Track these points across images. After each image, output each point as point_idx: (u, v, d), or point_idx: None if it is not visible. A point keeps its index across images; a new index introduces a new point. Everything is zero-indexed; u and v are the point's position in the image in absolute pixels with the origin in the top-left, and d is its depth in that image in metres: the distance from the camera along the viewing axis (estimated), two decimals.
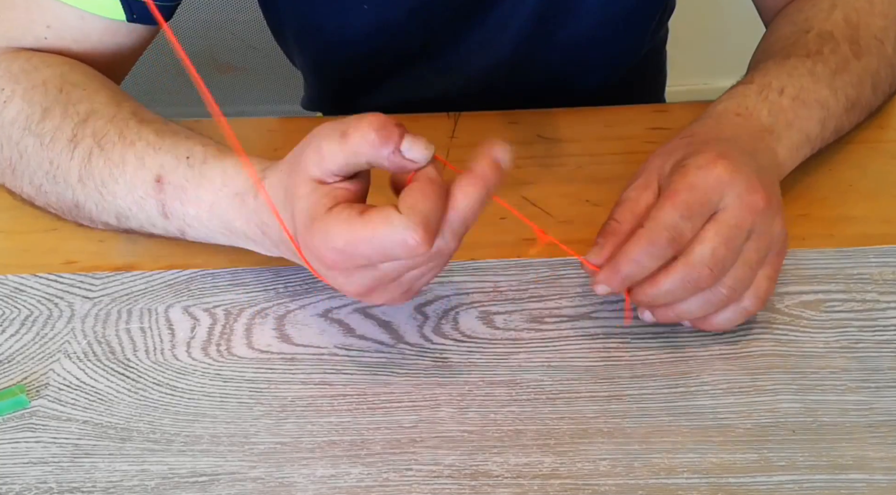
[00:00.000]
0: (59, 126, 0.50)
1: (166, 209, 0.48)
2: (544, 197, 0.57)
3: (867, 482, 0.42)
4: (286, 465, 0.44)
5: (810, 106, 0.53)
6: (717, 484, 0.43)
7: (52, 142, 0.50)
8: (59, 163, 0.50)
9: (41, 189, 0.52)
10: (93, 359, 0.48)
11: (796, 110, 0.52)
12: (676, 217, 0.43)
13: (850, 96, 0.55)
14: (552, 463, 0.43)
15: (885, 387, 0.46)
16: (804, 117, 0.52)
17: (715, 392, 0.46)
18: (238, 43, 1.31)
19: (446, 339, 0.49)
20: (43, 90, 0.52)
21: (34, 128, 0.51)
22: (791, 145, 0.52)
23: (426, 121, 0.62)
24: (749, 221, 0.44)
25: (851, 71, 0.55)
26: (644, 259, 0.43)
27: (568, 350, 0.48)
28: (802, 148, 0.53)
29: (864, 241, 0.53)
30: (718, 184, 0.44)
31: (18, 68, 0.54)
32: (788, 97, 0.52)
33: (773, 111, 0.52)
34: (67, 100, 0.52)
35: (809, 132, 0.53)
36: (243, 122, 0.63)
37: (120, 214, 0.50)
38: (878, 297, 0.50)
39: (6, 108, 0.52)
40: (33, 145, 0.51)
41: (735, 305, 0.46)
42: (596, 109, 0.63)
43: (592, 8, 0.65)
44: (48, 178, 0.51)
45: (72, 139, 0.50)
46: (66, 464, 0.44)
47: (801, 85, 0.53)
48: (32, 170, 0.52)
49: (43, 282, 0.52)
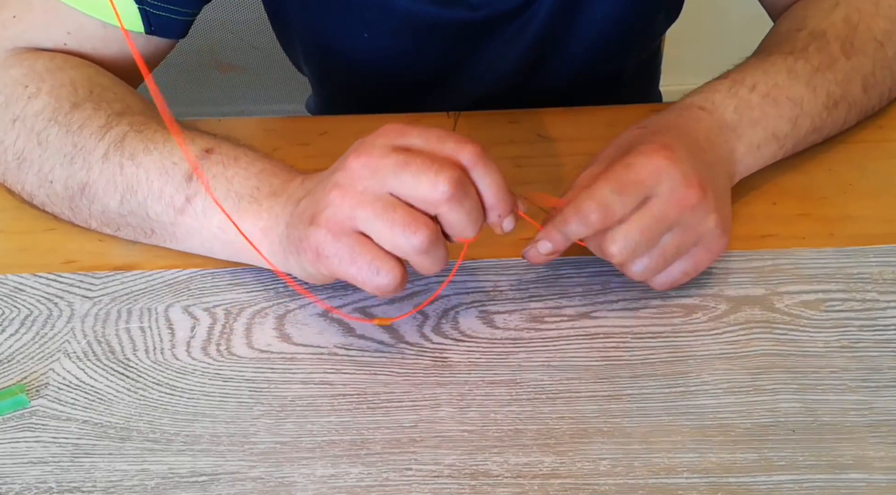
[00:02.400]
0: (91, 116, 0.51)
1: (195, 176, 0.48)
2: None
3: (867, 481, 0.42)
4: (286, 465, 0.44)
5: (781, 103, 0.53)
6: (717, 483, 0.43)
7: (81, 129, 0.51)
8: (84, 145, 0.50)
9: (47, 178, 0.51)
10: (92, 358, 0.49)
11: (764, 108, 0.52)
12: (607, 191, 0.45)
13: (832, 94, 0.54)
14: (552, 463, 0.43)
15: (885, 387, 0.46)
16: (773, 116, 0.53)
17: (715, 391, 0.46)
18: (239, 42, 1.31)
19: (446, 339, 0.49)
20: (71, 89, 0.52)
21: (61, 119, 0.51)
22: (752, 143, 0.52)
23: (426, 120, 0.62)
24: (674, 214, 0.45)
25: (837, 69, 0.55)
26: (574, 226, 0.45)
27: (568, 349, 0.48)
28: (768, 146, 0.53)
29: (865, 241, 0.53)
30: (655, 172, 0.45)
31: (43, 67, 0.54)
32: (759, 94, 0.53)
33: (739, 108, 0.52)
34: (99, 98, 0.52)
35: (777, 130, 0.53)
36: (244, 121, 0.63)
37: (130, 189, 0.49)
38: (878, 297, 0.50)
39: (31, 102, 0.52)
40: (57, 133, 0.51)
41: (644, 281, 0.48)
42: (595, 109, 0.63)
43: (594, 30, 0.66)
44: (64, 162, 0.50)
45: (104, 125, 0.50)
46: (66, 464, 0.44)
47: (776, 82, 0.53)
48: (45, 158, 0.51)
49: (42, 281, 0.52)
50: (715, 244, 0.48)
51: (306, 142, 0.61)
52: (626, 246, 0.45)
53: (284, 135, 0.62)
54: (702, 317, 0.50)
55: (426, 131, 0.43)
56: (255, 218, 0.47)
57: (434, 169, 0.41)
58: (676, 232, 0.46)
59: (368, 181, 0.42)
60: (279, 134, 0.62)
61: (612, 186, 0.45)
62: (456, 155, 0.42)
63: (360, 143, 0.43)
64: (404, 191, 0.42)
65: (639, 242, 0.45)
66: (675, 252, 0.47)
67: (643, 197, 0.45)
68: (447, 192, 0.41)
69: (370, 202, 0.42)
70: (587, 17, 0.65)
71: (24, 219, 0.55)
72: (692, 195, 0.45)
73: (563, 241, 0.46)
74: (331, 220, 0.42)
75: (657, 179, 0.45)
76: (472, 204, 0.42)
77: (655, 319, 0.49)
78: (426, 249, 0.42)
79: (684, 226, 0.46)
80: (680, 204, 0.45)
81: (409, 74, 0.68)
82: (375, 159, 0.42)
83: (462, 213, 0.42)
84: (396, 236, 0.42)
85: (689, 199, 0.45)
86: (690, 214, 0.46)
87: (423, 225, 0.42)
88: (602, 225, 0.45)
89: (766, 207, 0.55)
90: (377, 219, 0.42)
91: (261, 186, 0.48)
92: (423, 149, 0.42)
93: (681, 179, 0.45)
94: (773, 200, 0.55)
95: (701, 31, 1.23)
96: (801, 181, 0.57)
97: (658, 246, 0.46)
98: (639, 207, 0.45)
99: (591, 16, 0.65)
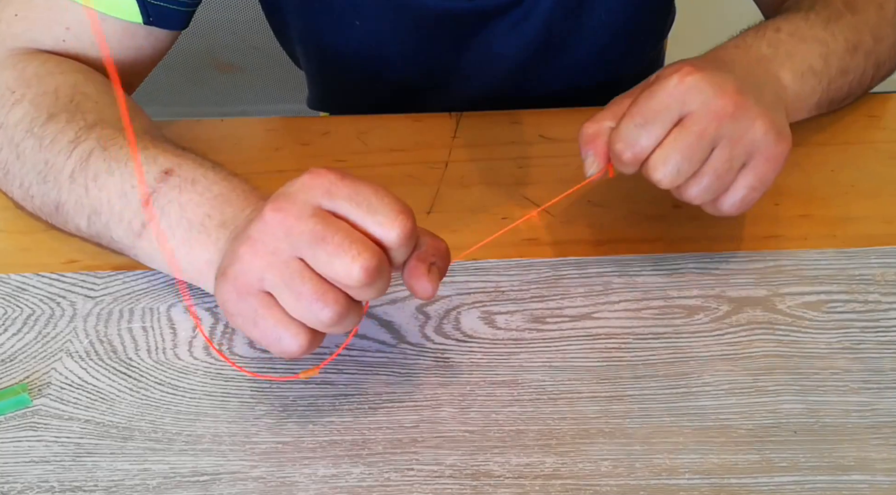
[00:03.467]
0: (63, 130, 0.50)
1: (152, 197, 0.46)
2: (546, 197, 0.56)
3: (869, 483, 0.42)
4: (287, 465, 0.44)
5: (808, 41, 0.53)
6: (718, 484, 0.43)
7: (52, 144, 0.50)
8: (54, 163, 0.49)
9: (28, 192, 0.51)
10: (95, 358, 0.48)
11: (795, 44, 0.53)
12: (631, 126, 0.44)
13: (849, 39, 0.55)
14: (553, 464, 0.43)
15: (888, 388, 0.46)
16: (803, 51, 0.53)
17: (717, 392, 0.46)
18: (239, 42, 1.31)
19: (448, 339, 0.49)
20: (53, 97, 0.52)
21: (36, 131, 0.51)
22: (795, 70, 0.52)
23: (428, 120, 0.62)
24: (714, 127, 0.44)
25: (845, 21, 0.55)
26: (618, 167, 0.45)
27: (569, 350, 0.48)
28: (808, 77, 0.53)
29: (866, 242, 0.53)
30: (681, 91, 0.44)
31: (32, 72, 0.53)
32: (786, 33, 0.53)
33: (773, 43, 0.52)
34: (76, 108, 0.51)
35: (813, 63, 0.53)
36: (246, 121, 0.63)
37: (94, 211, 0.48)
38: (880, 298, 0.50)
39: (13, 109, 0.52)
40: (32, 147, 0.50)
41: (712, 206, 0.47)
42: (597, 110, 0.63)
43: (595, 32, 0.66)
44: (38, 179, 0.50)
45: (73, 140, 0.50)
46: (68, 463, 0.44)
47: (797, 26, 0.54)
48: (24, 173, 0.51)
49: (45, 281, 0.52)
50: (772, 150, 0.45)
51: (308, 141, 0.61)
52: (668, 169, 0.44)
53: (286, 135, 0.62)
54: (703, 318, 0.50)
55: (359, 193, 0.39)
56: (202, 249, 0.45)
57: (351, 253, 0.38)
58: (723, 145, 0.44)
59: (281, 242, 0.39)
60: (281, 134, 0.62)
61: (635, 120, 0.44)
62: (382, 234, 0.39)
63: (284, 193, 0.40)
64: (316, 266, 0.39)
65: (680, 162, 0.44)
66: (729, 167, 0.45)
67: (674, 119, 0.44)
68: (360, 281, 0.38)
69: (279, 267, 0.39)
70: (588, 18, 0.65)
71: (25, 218, 0.55)
72: (728, 103, 0.44)
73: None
74: (238, 278, 0.40)
75: (685, 97, 0.44)
76: (383, 285, 0.40)
77: (657, 320, 0.50)
78: (334, 323, 0.40)
79: (729, 137, 0.44)
80: (717, 115, 0.44)
81: (402, 65, 0.67)
82: (293, 220, 0.39)
83: (372, 293, 0.40)
84: (303, 308, 0.39)
85: (726, 108, 0.44)
86: (732, 123, 0.44)
87: (333, 301, 0.39)
88: (637, 160, 0.44)
89: (767, 208, 0.55)
90: (285, 286, 0.39)
91: (213, 214, 0.45)
92: (349, 217, 0.39)
93: (713, 91, 0.44)
94: (775, 201, 0.55)
95: (700, 30, 1.22)
96: (802, 182, 0.57)
97: (708, 164, 0.44)
98: (675, 127, 0.44)
99: (592, 18, 0.65)
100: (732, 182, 0.46)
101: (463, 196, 0.57)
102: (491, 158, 0.59)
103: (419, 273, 0.41)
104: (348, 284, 0.39)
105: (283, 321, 0.40)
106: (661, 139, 0.44)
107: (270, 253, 0.39)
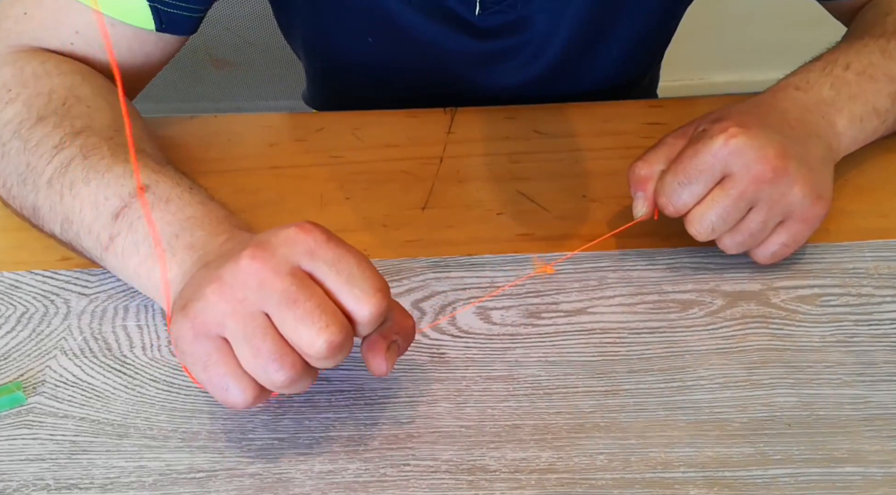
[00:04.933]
0: (49, 134, 0.49)
1: (123, 212, 0.45)
2: (540, 192, 0.57)
3: (862, 475, 0.43)
4: (283, 461, 0.44)
5: (878, 80, 0.53)
6: (713, 477, 0.43)
7: (36, 147, 0.49)
8: (35, 166, 0.49)
9: (10, 192, 0.51)
10: (89, 355, 0.48)
11: (861, 85, 0.53)
12: (675, 183, 0.47)
13: None
14: (549, 458, 0.44)
15: (881, 381, 0.46)
16: (871, 91, 0.53)
17: (711, 386, 0.46)
18: (234, 38, 1.31)
19: (444, 335, 0.49)
20: (46, 99, 0.51)
21: (23, 133, 0.50)
22: (853, 116, 0.53)
23: (422, 116, 0.62)
24: (752, 191, 0.46)
25: None
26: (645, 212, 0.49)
27: (565, 345, 0.48)
28: (869, 120, 0.53)
29: (860, 236, 0.54)
30: (724, 153, 0.46)
31: (30, 72, 0.53)
32: (854, 72, 0.53)
33: (836, 84, 0.53)
34: (66, 112, 0.51)
35: (877, 105, 0.53)
36: (241, 117, 0.63)
37: (67, 219, 0.48)
38: (873, 292, 0.51)
39: (6, 108, 0.52)
40: (17, 148, 0.50)
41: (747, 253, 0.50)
42: (592, 105, 0.63)
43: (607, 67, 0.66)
44: (19, 181, 0.50)
45: (56, 146, 0.49)
46: (64, 461, 0.44)
47: (870, 61, 0.54)
48: (7, 173, 0.51)
49: (39, 278, 0.52)
50: (808, 213, 0.48)
51: (303, 138, 0.61)
52: (703, 226, 0.47)
53: (281, 132, 0.62)
54: (698, 312, 0.50)
55: (341, 260, 0.38)
56: (166, 268, 0.44)
57: (319, 325, 0.37)
58: (760, 207, 0.47)
59: (251, 292, 0.38)
60: (276, 130, 0.62)
61: (678, 178, 0.47)
62: (355, 308, 0.38)
63: (265, 242, 0.39)
64: (281, 327, 0.38)
65: (715, 222, 0.47)
66: (763, 227, 0.47)
67: (716, 179, 0.46)
68: (321, 353, 0.38)
69: (243, 317, 0.38)
70: (602, 54, 0.65)
71: None
72: (767, 170, 0.46)
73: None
74: (198, 317, 0.39)
75: (728, 160, 0.46)
76: (342, 357, 0.39)
77: (652, 314, 0.50)
78: (285, 386, 0.39)
79: (767, 201, 0.47)
80: (756, 180, 0.46)
81: (412, 86, 0.67)
82: (268, 273, 0.38)
83: (329, 364, 0.39)
84: (258, 366, 0.38)
85: (765, 175, 0.46)
86: (770, 189, 0.46)
87: (290, 365, 0.38)
88: (678, 213, 0.47)
89: None
90: (244, 339, 0.38)
91: (181, 235, 0.44)
92: (325, 283, 0.38)
93: (755, 155, 0.46)
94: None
95: (696, 27, 1.22)
96: None
97: (743, 223, 0.47)
98: (717, 187, 0.46)
99: (606, 53, 0.65)
100: (766, 239, 0.48)
101: (458, 191, 0.57)
102: (485, 154, 0.59)
103: (378, 349, 0.41)
104: (309, 353, 0.38)
105: (233, 372, 0.39)
106: (701, 197, 0.47)
107: (238, 300, 0.38)
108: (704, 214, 0.47)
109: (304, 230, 0.39)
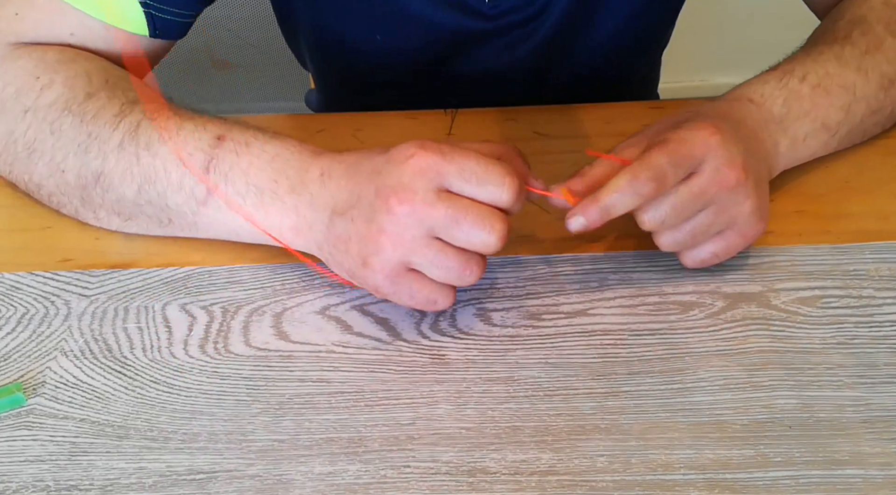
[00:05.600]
0: (105, 105, 0.51)
1: (212, 164, 0.48)
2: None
3: (863, 477, 0.43)
4: (284, 462, 0.44)
5: (832, 93, 0.53)
6: (713, 479, 0.43)
7: (95, 118, 0.51)
8: (99, 134, 0.50)
9: (59, 167, 0.51)
10: (89, 356, 0.48)
11: (815, 99, 0.53)
12: (664, 161, 0.46)
13: (885, 74, 0.55)
14: (549, 460, 0.44)
15: (881, 383, 0.46)
16: (823, 105, 0.53)
17: (712, 388, 0.46)
18: (235, 40, 1.31)
19: (444, 336, 0.49)
20: (86, 79, 0.52)
21: (76, 109, 0.51)
22: (797, 136, 0.53)
23: (423, 117, 0.62)
24: (712, 192, 0.46)
25: (886, 48, 0.55)
26: (626, 191, 0.45)
27: (565, 347, 0.48)
28: (815, 136, 0.54)
29: (861, 238, 0.53)
30: (705, 147, 0.46)
31: (54, 58, 0.54)
32: (810, 85, 0.53)
33: (789, 100, 0.53)
34: (114, 86, 0.52)
35: (827, 120, 0.53)
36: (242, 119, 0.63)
37: (147, 179, 0.49)
38: (874, 293, 0.51)
39: (44, 93, 0.52)
40: (71, 122, 0.51)
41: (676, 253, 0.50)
42: (592, 106, 0.63)
43: (601, 41, 0.66)
44: (79, 151, 0.50)
45: (118, 114, 0.50)
46: (64, 462, 0.44)
47: (826, 71, 0.54)
48: (57, 148, 0.51)
49: (39, 279, 0.52)
50: (749, 229, 0.48)
51: (303, 139, 0.61)
52: (655, 216, 0.47)
53: (282, 133, 0.62)
54: (699, 313, 0.50)
55: (464, 169, 0.44)
56: (282, 215, 0.48)
57: (486, 228, 0.44)
58: (711, 210, 0.47)
59: (417, 229, 0.44)
60: (276, 131, 0.62)
61: (670, 158, 0.46)
62: (497, 200, 0.44)
63: (399, 185, 0.44)
64: (456, 242, 0.44)
65: (669, 215, 0.47)
66: (706, 230, 0.48)
67: (691, 171, 0.46)
68: (496, 247, 0.44)
69: (421, 250, 0.44)
70: (595, 28, 0.65)
71: (20, 217, 0.55)
72: (733, 176, 0.46)
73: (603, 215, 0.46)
74: (385, 267, 0.45)
75: (704, 155, 0.46)
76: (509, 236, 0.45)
77: (652, 316, 0.50)
78: (476, 280, 0.46)
79: (719, 205, 0.47)
80: (720, 183, 0.46)
81: (419, 77, 0.68)
82: (423, 208, 0.43)
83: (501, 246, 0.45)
84: (453, 278, 0.45)
85: (730, 180, 0.46)
86: (728, 195, 0.47)
87: (476, 264, 0.45)
88: (654, 195, 0.46)
89: None
90: (431, 264, 0.45)
91: (278, 179, 0.48)
92: (464, 193, 0.44)
93: (725, 159, 0.46)
94: (769, 197, 0.55)
95: (697, 29, 1.23)
96: (797, 178, 0.57)
97: (689, 221, 0.47)
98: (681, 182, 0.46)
99: (598, 27, 0.65)
100: (701, 243, 0.48)
101: None
102: None
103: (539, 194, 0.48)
104: (485, 251, 0.45)
105: (435, 289, 0.46)
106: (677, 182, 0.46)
107: (409, 240, 0.44)
108: (661, 203, 0.46)
109: (421, 158, 0.44)
